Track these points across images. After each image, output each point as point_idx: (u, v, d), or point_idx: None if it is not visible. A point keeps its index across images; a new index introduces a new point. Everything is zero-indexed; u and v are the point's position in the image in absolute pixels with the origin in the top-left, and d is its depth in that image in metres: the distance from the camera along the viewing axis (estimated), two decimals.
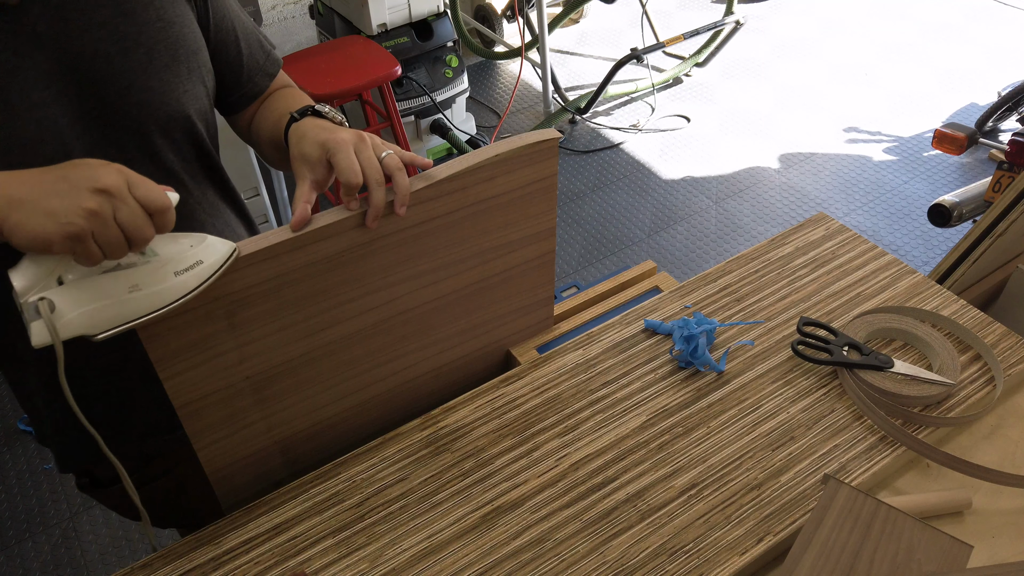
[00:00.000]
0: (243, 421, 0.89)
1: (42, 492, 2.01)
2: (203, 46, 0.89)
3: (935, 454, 0.88)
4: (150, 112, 0.84)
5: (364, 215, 0.81)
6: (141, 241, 0.66)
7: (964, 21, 3.91)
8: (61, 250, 0.62)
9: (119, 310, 0.68)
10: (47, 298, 0.64)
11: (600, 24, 3.99)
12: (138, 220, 0.65)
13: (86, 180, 0.63)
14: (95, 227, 0.63)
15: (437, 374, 1.04)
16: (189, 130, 0.89)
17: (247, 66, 0.97)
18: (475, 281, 0.98)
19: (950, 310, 1.08)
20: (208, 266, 0.73)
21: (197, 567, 0.85)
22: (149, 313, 0.70)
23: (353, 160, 0.78)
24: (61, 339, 0.65)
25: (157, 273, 0.70)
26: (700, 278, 1.16)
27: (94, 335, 0.68)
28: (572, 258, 2.65)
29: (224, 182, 1.01)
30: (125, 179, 0.65)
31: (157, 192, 0.66)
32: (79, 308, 0.66)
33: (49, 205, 0.62)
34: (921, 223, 2.72)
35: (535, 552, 0.83)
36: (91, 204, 0.62)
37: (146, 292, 0.69)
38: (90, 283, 0.67)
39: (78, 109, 0.79)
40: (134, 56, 0.81)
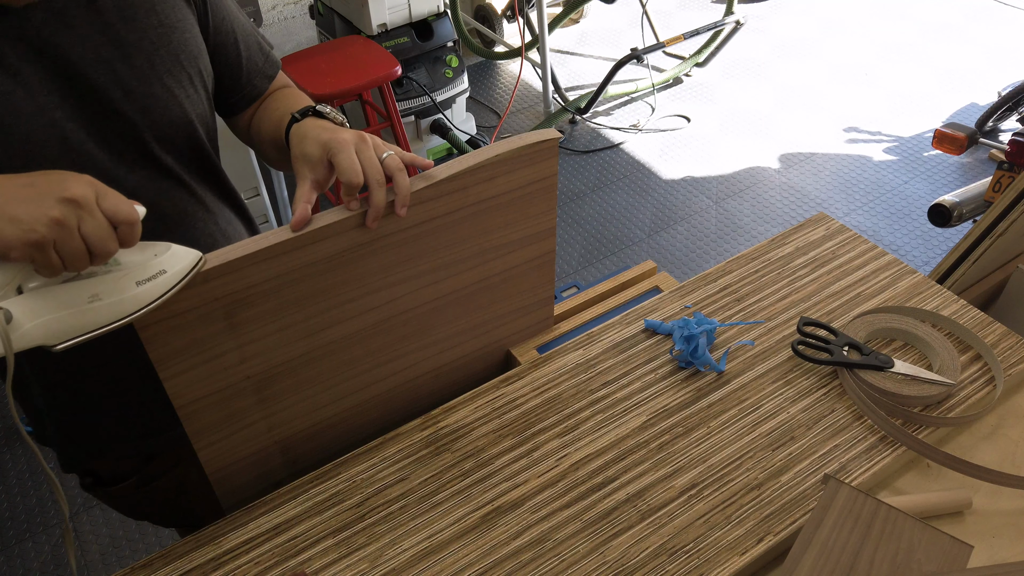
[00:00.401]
0: (243, 421, 0.89)
1: (42, 492, 2.01)
2: (204, 50, 0.90)
3: (935, 454, 0.88)
4: (152, 118, 0.84)
5: (364, 215, 0.81)
6: (103, 254, 0.65)
7: (964, 21, 3.91)
8: (20, 257, 0.61)
9: (79, 320, 0.67)
10: (4, 308, 0.63)
11: (600, 24, 3.99)
12: (102, 232, 0.64)
13: (54, 189, 0.62)
14: (57, 236, 0.62)
15: (437, 374, 1.04)
16: (190, 134, 0.89)
17: (246, 68, 0.97)
18: (475, 281, 0.98)
19: (950, 310, 1.08)
20: (172, 275, 0.71)
21: (197, 567, 0.85)
22: (109, 323, 0.68)
23: (354, 160, 0.79)
24: (17, 349, 0.64)
25: (119, 283, 0.68)
26: (700, 278, 1.16)
27: (53, 345, 0.66)
28: (572, 258, 2.65)
29: (224, 183, 1.01)
30: (94, 191, 0.64)
31: (125, 206, 0.65)
32: (37, 318, 0.65)
33: (13, 211, 0.61)
34: (921, 223, 2.72)
35: (535, 552, 0.83)
36: (55, 213, 0.61)
37: (106, 302, 0.67)
38: (49, 292, 0.65)
39: (80, 114, 0.79)
40: (136, 62, 0.81)
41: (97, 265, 0.66)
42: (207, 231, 0.95)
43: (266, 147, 0.98)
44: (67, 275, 0.66)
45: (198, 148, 0.92)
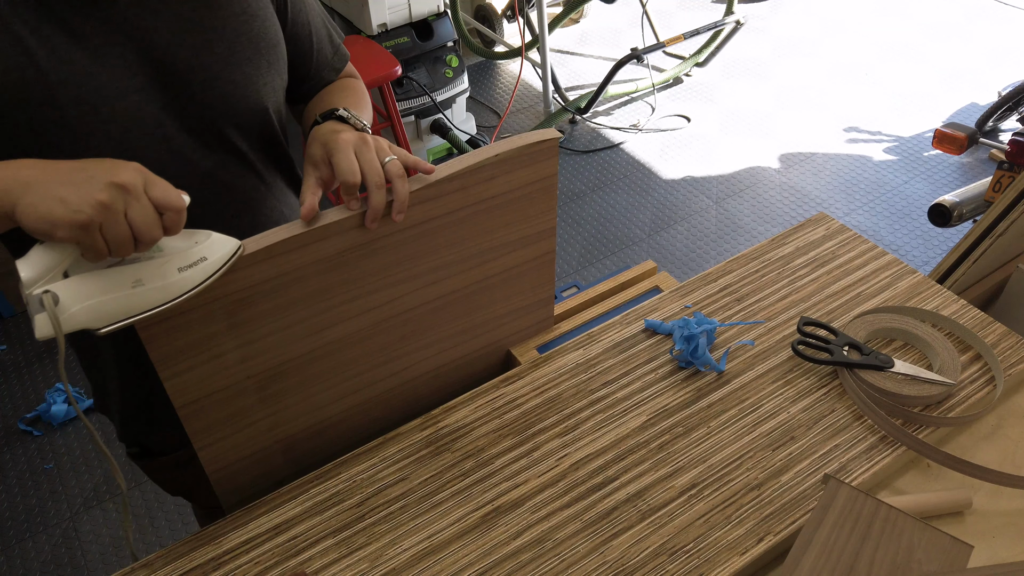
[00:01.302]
0: (245, 420, 0.89)
1: (42, 492, 2.01)
2: (282, 39, 0.91)
3: (935, 454, 0.88)
4: (230, 104, 0.86)
5: (364, 215, 0.81)
6: (148, 241, 0.66)
7: (964, 21, 3.91)
8: (66, 237, 0.63)
9: (122, 304, 0.69)
10: (51, 291, 0.65)
11: (600, 24, 3.98)
12: (148, 219, 0.65)
13: (103, 174, 0.64)
14: (104, 219, 0.63)
15: (437, 374, 1.04)
16: (264, 121, 0.91)
17: (316, 60, 0.99)
18: (475, 281, 0.98)
19: (950, 310, 1.08)
20: (212, 263, 0.73)
21: (197, 567, 0.85)
22: (152, 308, 0.70)
23: (351, 160, 0.79)
24: (64, 332, 0.66)
25: (161, 268, 0.70)
26: (700, 278, 1.16)
27: (97, 328, 0.68)
28: (572, 258, 2.65)
29: (292, 170, 1.03)
30: (143, 178, 0.66)
31: (172, 193, 0.67)
32: (83, 302, 0.66)
33: (62, 192, 0.62)
34: (921, 223, 2.72)
35: (535, 552, 0.83)
36: (103, 196, 0.63)
37: (149, 287, 0.69)
38: (94, 277, 0.67)
39: (162, 98, 0.81)
40: (217, 49, 0.83)
41: (141, 251, 0.67)
42: (273, 217, 0.97)
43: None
44: (111, 260, 0.68)
45: (271, 135, 0.94)
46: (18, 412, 2.20)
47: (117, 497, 1.98)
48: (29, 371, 2.31)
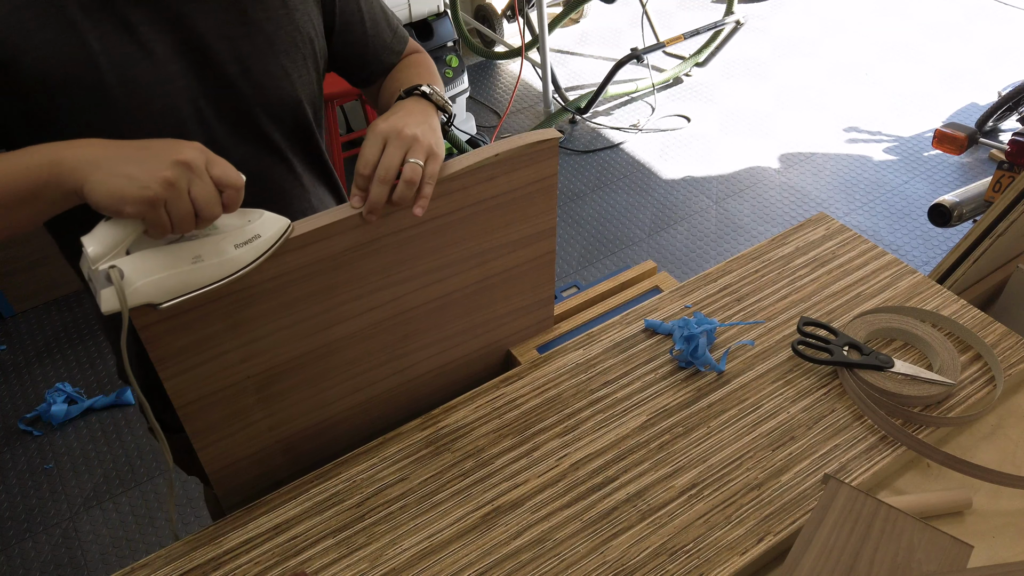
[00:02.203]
0: (245, 420, 0.89)
1: (42, 492, 2.01)
2: (320, 33, 0.93)
3: (935, 454, 0.88)
4: (265, 94, 0.88)
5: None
6: (209, 217, 0.69)
7: (964, 21, 3.91)
8: (133, 213, 0.65)
9: (183, 280, 0.71)
10: (117, 266, 0.67)
11: (600, 24, 3.98)
12: (209, 196, 0.68)
13: (168, 152, 0.66)
14: (169, 196, 0.65)
15: (438, 374, 1.04)
16: (298, 113, 0.93)
17: (373, 45, 1.01)
18: (475, 281, 0.98)
19: (950, 310, 1.08)
20: (265, 240, 0.76)
21: (197, 567, 0.85)
22: (210, 284, 0.73)
23: (371, 151, 0.80)
24: (129, 306, 0.68)
25: (218, 245, 0.72)
26: (700, 278, 1.16)
27: (159, 303, 0.71)
28: (572, 258, 2.65)
29: (324, 164, 1.04)
30: (204, 156, 0.68)
31: (232, 172, 0.70)
32: (146, 277, 0.69)
33: (129, 170, 0.65)
34: (921, 223, 2.72)
35: (535, 552, 0.83)
36: (168, 173, 0.65)
37: (208, 263, 0.72)
38: (156, 253, 0.70)
39: (200, 86, 0.84)
40: (256, 40, 0.85)
41: (201, 228, 0.70)
42: (301, 208, 0.98)
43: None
44: (171, 237, 0.70)
45: (304, 127, 0.95)
46: (18, 412, 2.20)
47: (118, 497, 1.98)
48: (29, 371, 2.31)
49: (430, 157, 0.81)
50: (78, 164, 0.66)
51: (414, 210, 0.82)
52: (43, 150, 0.68)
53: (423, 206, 0.82)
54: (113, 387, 2.25)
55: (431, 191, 0.82)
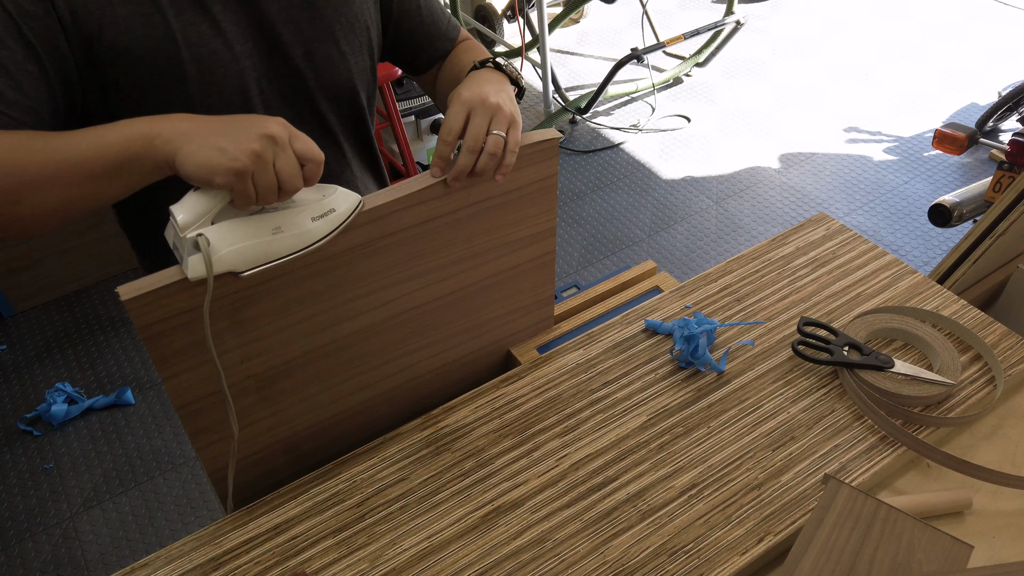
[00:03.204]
0: (244, 421, 0.89)
1: (42, 492, 2.01)
2: (377, 22, 0.97)
3: (935, 454, 0.88)
4: (324, 78, 0.92)
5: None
6: (292, 190, 0.72)
7: (964, 21, 3.91)
8: (223, 184, 0.68)
9: (264, 249, 0.75)
10: (204, 234, 0.70)
11: (600, 24, 3.99)
12: (293, 169, 0.71)
13: (254, 126, 0.70)
14: (256, 167, 0.68)
15: (438, 374, 1.04)
16: (353, 98, 0.97)
17: (429, 33, 1.04)
18: (476, 281, 0.98)
19: (950, 310, 1.08)
20: (339, 214, 0.79)
21: (197, 567, 0.85)
22: (289, 254, 0.76)
23: (456, 119, 0.82)
24: (213, 273, 0.72)
25: (296, 218, 0.76)
26: (700, 278, 1.16)
27: (241, 272, 0.75)
28: (572, 258, 2.65)
29: (372, 152, 1.07)
30: (288, 131, 0.71)
31: (314, 147, 0.73)
32: (230, 246, 0.72)
33: (219, 142, 0.68)
34: (921, 223, 2.72)
35: (535, 552, 0.83)
36: (256, 146, 0.68)
37: (287, 234, 0.75)
38: (239, 223, 0.73)
39: (265, 66, 0.88)
40: (319, 25, 0.89)
41: (282, 200, 0.73)
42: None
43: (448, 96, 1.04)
44: (254, 209, 0.73)
45: (358, 113, 0.99)
46: (18, 412, 2.20)
47: (118, 497, 1.98)
48: (29, 371, 2.31)
49: (511, 126, 0.84)
50: (172, 136, 0.69)
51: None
52: (137, 123, 0.70)
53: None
54: (113, 387, 2.25)
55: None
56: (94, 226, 2.47)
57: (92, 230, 2.47)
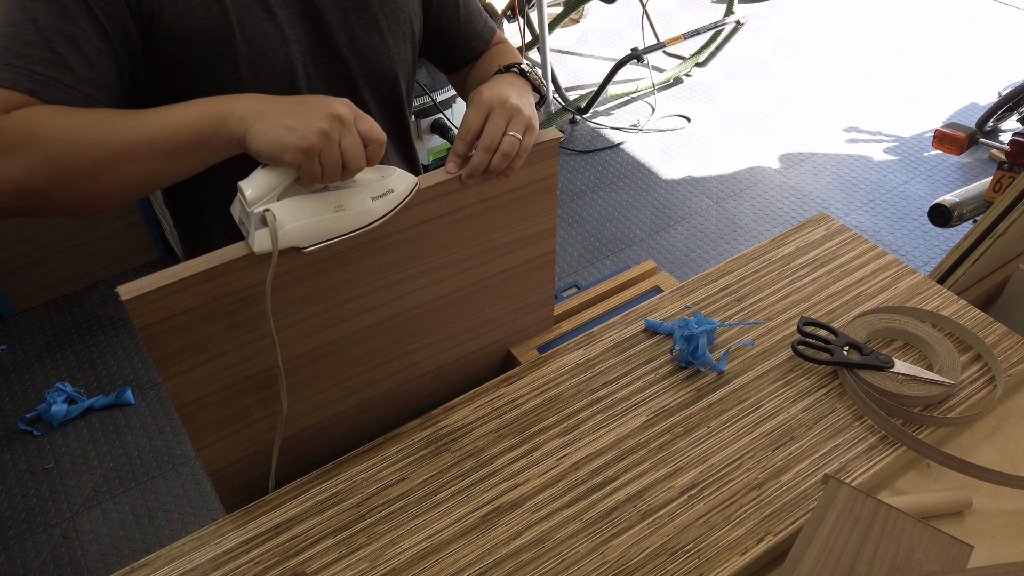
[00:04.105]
0: (244, 420, 0.89)
1: (42, 492, 2.01)
2: (419, 15, 1.00)
3: (935, 454, 0.88)
4: (368, 67, 0.94)
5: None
6: (355, 168, 0.74)
7: (964, 21, 3.91)
8: (291, 161, 0.71)
9: (326, 226, 0.77)
10: (271, 210, 0.73)
11: (600, 24, 3.98)
12: (357, 149, 0.73)
13: (321, 106, 0.72)
14: (324, 146, 0.71)
15: (438, 374, 1.04)
16: (393, 89, 0.99)
17: (465, 32, 1.06)
18: (475, 281, 0.98)
19: (950, 310, 1.08)
20: (397, 194, 0.81)
21: (197, 567, 0.85)
22: (350, 232, 0.79)
23: (475, 118, 0.84)
24: (280, 247, 0.74)
25: (358, 196, 0.78)
26: (700, 278, 1.16)
27: (304, 247, 0.77)
28: (572, 258, 2.65)
29: (408, 141, 1.08)
30: (353, 112, 0.74)
31: (377, 128, 0.75)
32: (295, 222, 0.75)
33: (290, 120, 0.71)
34: (921, 223, 2.72)
35: (535, 552, 0.83)
36: (324, 125, 0.71)
37: (349, 212, 0.78)
38: (304, 200, 0.75)
39: (312, 51, 0.90)
40: (366, 15, 0.92)
41: (345, 179, 0.75)
42: None
43: None
44: (317, 187, 0.76)
45: (397, 102, 1.01)
46: (18, 412, 2.20)
47: (118, 497, 1.98)
48: (29, 371, 2.31)
49: (528, 130, 0.86)
50: (244, 115, 0.72)
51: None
52: (209, 102, 0.74)
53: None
54: (113, 387, 2.25)
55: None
56: (94, 226, 2.47)
57: (92, 230, 2.47)
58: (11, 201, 0.71)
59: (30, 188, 0.71)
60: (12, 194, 0.71)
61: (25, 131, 0.70)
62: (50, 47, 0.74)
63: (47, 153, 0.70)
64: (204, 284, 0.76)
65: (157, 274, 0.74)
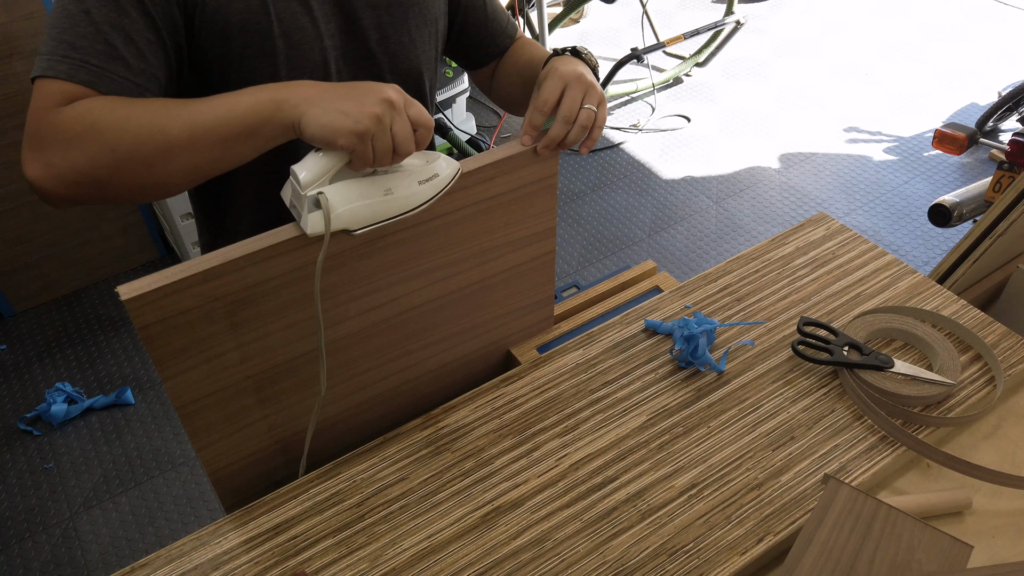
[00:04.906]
0: (244, 421, 0.89)
1: (42, 492, 2.01)
2: (444, 14, 1.02)
3: (935, 454, 0.88)
4: (396, 63, 0.96)
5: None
6: (405, 153, 0.76)
7: (964, 21, 3.91)
8: (345, 145, 0.72)
9: (375, 210, 0.79)
10: (324, 193, 0.74)
11: (600, 24, 3.99)
12: (407, 133, 0.75)
13: (372, 92, 0.74)
14: (376, 130, 0.72)
15: (438, 374, 1.04)
16: (419, 85, 1.01)
17: (491, 28, 1.08)
18: (475, 281, 0.98)
19: (950, 310, 1.08)
20: (442, 179, 0.83)
21: (197, 567, 0.85)
22: (397, 215, 0.80)
23: (552, 92, 0.86)
24: (332, 230, 0.76)
25: (406, 180, 0.80)
26: (700, 278, 1.16)
27: (353, 230, 0.79)
28: (572, 258, 2.65)
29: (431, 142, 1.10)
30: (403, 98, 0.75)
31: (426, 113, 0.77)
32: (346, 205, 0.76)
33: (343, 106, 0.72)
34: (921, 223, 2.72)
35: (535, 552, 0.83)
36: (377, 110, 0.72)
37: (397, 196, 0.79)
38: (355, 184, 0.77)
39: (343, 47, 0.92)
40: (396, 12, 0.94)
41: (395, 163, 0.77)
42: None
43: (511, 88, 1.09)
44: (367, 171, 0.78)
45: (421, 99, 1.03)
46: (18, 412, 2.20)
47: (117, 497, 1.98)
48: (29, 371, 2.31)
49: (600, 103, 0.88)
50: (299, 101, 0.73)
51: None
52: (263, 89, 0.76)
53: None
54: (113, 387, 2.25)
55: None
56: (94, 226, 2.47)
57: (92, 230, 2.47)
58: (74, 191, 0.74)
59: (92, 178, 0.73)
60: (75, 184, 0.73)
61: (87, 122, 0.72)
62: (103, 39, 0.76)
63: (109, 143, 0.72)
64: (204, 284, 0.76)
65: (157, 274, 0.74)
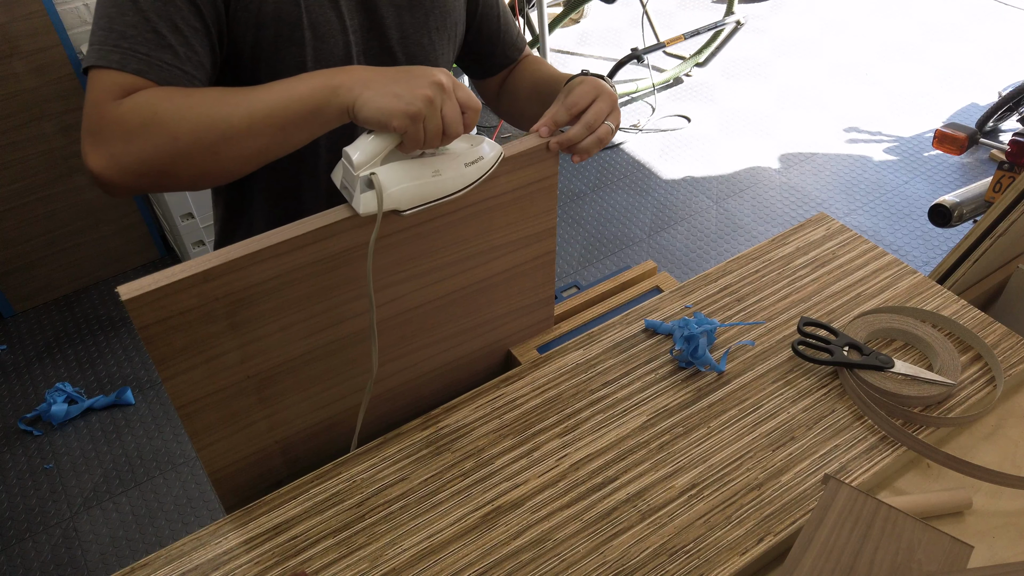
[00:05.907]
0: (244, 421, 0.89)
1: (42, 492, 2.01)
2: (462, 20, 1.04)
3: (935, 454, 0.88)
4: (414, 63, 0.97)
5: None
6: (454, 134, 0.77)
7: (964, 21, 3.91)
8: (398, 127, 0.74)
9: (424, 191, 0.81)
10: (376, 173, 0.76)
11: (600, 24, 3.99)
12: (456, 115, 0.77)
13: (423, 75, 0.76)
14: (428, 112, 0.74)
15: (438, 374, 1.04)
16: None
17: (503, 40, 1.11)
18: (476, 281, 0.98)
19: (950, 310, 1.08)
20: (486, 162, 0.85)
21: (197, 567, 0.85)
22: (444, 196, 0.82)
23: (584, 97, 0.89)
24: (384, 209, 0.78)
25: (453, 162, 0.82)
26: (700, 278, 1.16)
27: (403, 210, 0.81)
28: (572, 258, 2.65)
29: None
30: (452, 81, 0.77)
31: (473, 96, 0.79)
32: (397, 185, 0.78)
33: (397, 88, 0.74)
34: (921, 223, 2.72)
35: (535, 552, 0.83)
36: (428, 92, 0.74)
37: (444, 177, 0.81)
38: (405, 165, 0.79)
39: (365, 43, 0.94)
40: (417, 13, 0.96)
41: (444, 144, 0.79)
42: None
43: (524, 102, 1.11)
44: (415, 153, 0.80)
45: None
46: (18, 412, 2.20)
47: (117, 497, 1.98)
48: (29, 371, 2.31)
49: (615, 127, 0.92)
50: (353, 85, 0.76)
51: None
52: (318, 75, 0.78)
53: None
54: (113, 387, 2.25)
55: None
56: (94, 226, 2.47)
57: (92, 230, 2.47)
58: (137, 181, 0.76)
59: (156, 167, 0.75)
60: (138, 174, 0.75)
61: (148, 113, 0.74)
62: (151, 27, 0.78)
63: (171, 133, 0.74)
64: (204, 284, 0.76)
65: (157, 274, 0.74)
